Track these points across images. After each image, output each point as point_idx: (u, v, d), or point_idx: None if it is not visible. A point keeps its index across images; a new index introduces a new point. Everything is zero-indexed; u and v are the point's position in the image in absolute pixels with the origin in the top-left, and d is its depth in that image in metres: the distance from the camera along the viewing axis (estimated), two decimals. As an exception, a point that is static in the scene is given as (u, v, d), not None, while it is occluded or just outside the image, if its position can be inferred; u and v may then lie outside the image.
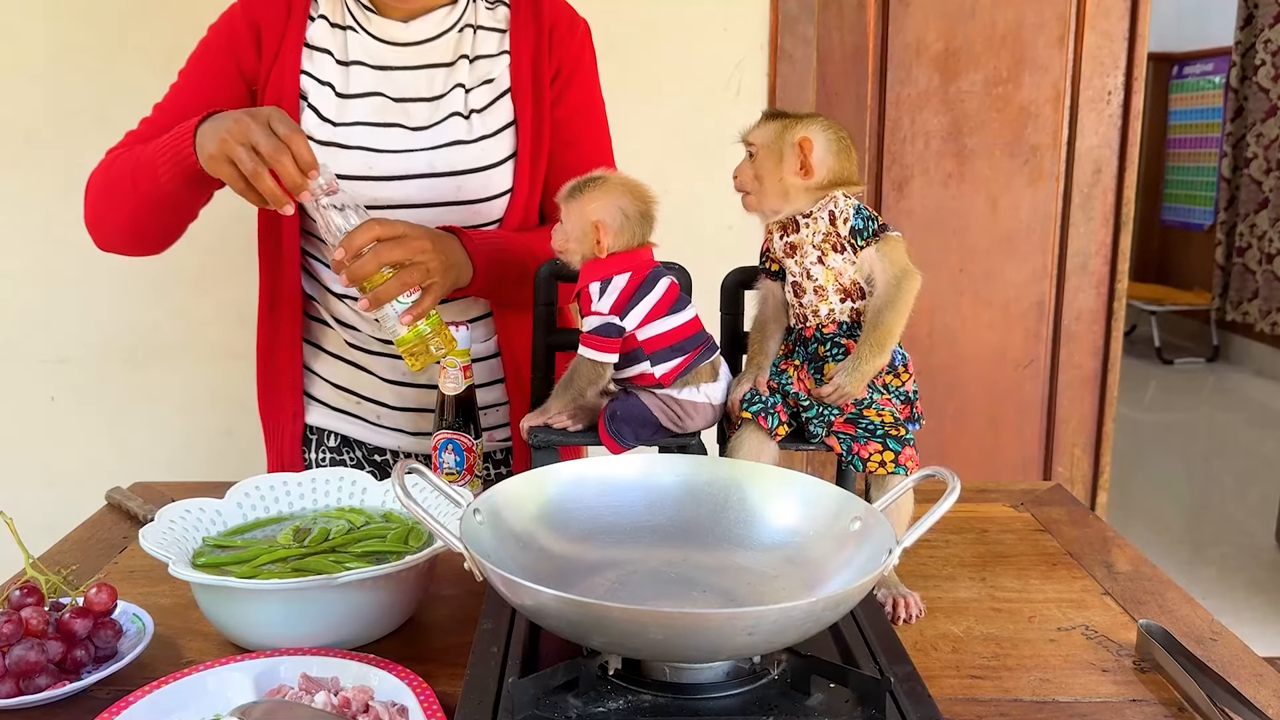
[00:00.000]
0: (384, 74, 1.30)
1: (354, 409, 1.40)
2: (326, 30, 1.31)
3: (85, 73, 2.16)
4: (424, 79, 1.31)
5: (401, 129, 1.28)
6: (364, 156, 1.27)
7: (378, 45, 1.31)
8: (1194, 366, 6.16)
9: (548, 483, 0.92)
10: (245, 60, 1.30)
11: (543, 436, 1.04)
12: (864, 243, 0.98)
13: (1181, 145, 6.50)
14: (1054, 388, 2.46)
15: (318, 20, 1.31)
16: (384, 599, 0.93)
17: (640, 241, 1.02)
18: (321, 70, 1.30)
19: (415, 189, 1.28)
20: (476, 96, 1.31)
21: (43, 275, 2.23)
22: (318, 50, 1.30)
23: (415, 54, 1.31)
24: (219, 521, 1.04)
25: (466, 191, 1.29)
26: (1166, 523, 3.87)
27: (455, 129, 1.29)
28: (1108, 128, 2.36)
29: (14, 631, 0.85)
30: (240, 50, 1.30)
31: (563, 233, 1.04)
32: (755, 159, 1.01)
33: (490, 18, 1.34)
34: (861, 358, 0.97)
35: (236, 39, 1.30)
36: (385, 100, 1.29)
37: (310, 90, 1.29)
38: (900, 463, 0.97)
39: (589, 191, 1.02)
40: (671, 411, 1.02)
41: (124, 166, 1.25)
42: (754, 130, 1.03)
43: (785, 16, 2.23)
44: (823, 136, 0.99)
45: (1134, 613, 1.01)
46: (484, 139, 1.29)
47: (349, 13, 1.32)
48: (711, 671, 0.76)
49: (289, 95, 1.28)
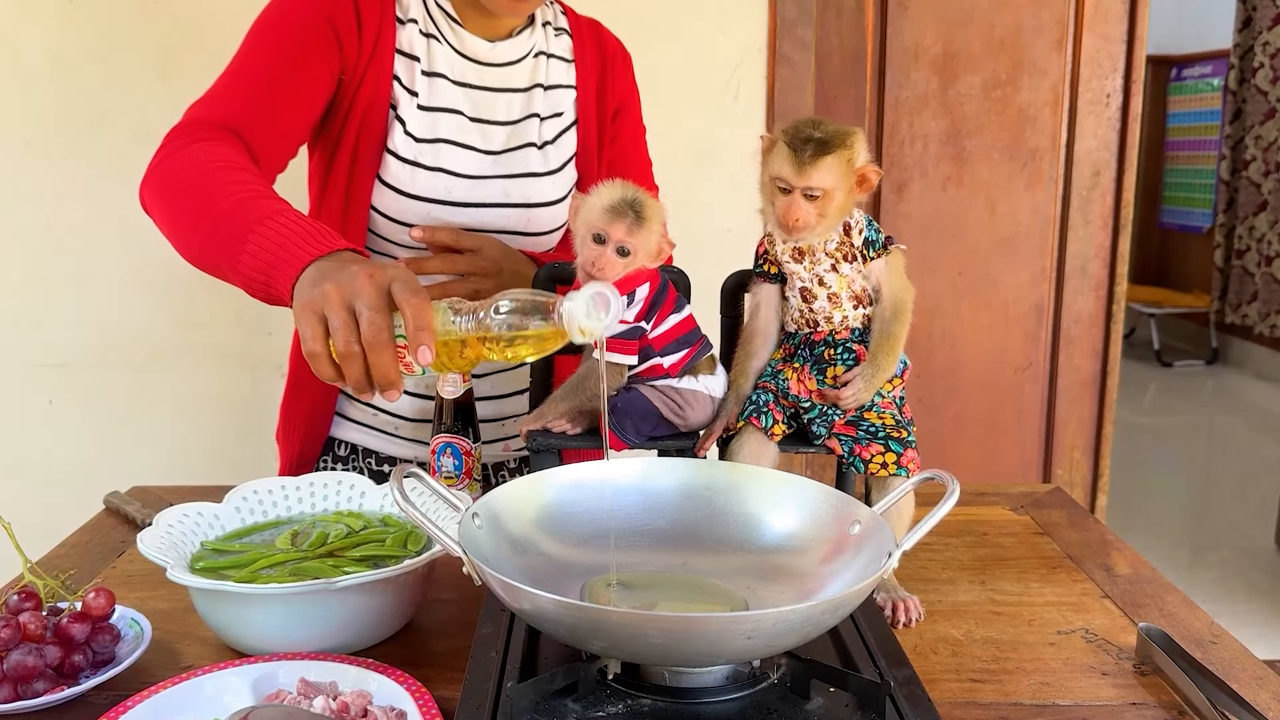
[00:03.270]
0: (464, 91, 1.26)
1: (371, 420, 1.37)
2: (417, 37, 1.23)
3: (85, 76, 2.16)
4: (503, 102, 1.28)
5: (477, 153, 1.25)
6: (444, 180, 1.23)
7: (461, 60, 1.25)
8: (1193, 369, 6.17)
9: (546, 486, 0.92)
10: (346, 39, 1.16)
11: (542, 441, 1.04)
12: (875, 254, 0.99)
13: (1180, 148, 6.51)
14: (1053, 391, 2.46)
15: (408, 24, 1.23)
16: (382, 603, 0.92)
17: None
18: (410, 80, 1.23)
19: (488, 217, 1.26)
20: (549, 127, 1.30)
21: (41, 279, 2.23)
22: (406, 56, 1.23)
23: (498, 75, 1.27)
24: (217, 526, 1.04)
25: (535, 224, 1.28)
26: (1166, 526, 3.87)
27: (530, 160, 1.28)
28: (1107, 130, 2.36)
29: (11, 636, 0.85)
30: (340, 24, 1.16)
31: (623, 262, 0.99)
32: (820, 199, 0.96)
33: (558, 45, 1.33)
34: (879, 367, 0.98)
35: (337, 9, 1.17)
36: (464, 120, 1.25)
37: (400, 100, 1.22)
38: (902, 464, 0.97)
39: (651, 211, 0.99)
40: (672, 402, 1.03)
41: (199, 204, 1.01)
42: (815, 173, 0.94)
43: (784, 20, 2.23)
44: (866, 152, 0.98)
45: (1134, 616, 1.01)
46: (556, 172, 1.29)
47: (432, 20, 1.25)
48: (711, 676, 0.76)
49: (381, 102, 1.21)
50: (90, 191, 2.19)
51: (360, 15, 1.18)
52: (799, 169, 0.95)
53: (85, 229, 2.20)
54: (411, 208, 1.23)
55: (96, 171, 2.18)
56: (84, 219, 2.21)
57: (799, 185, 0.95)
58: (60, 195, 2.20)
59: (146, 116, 2.15)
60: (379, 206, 1.24)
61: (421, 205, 1.23)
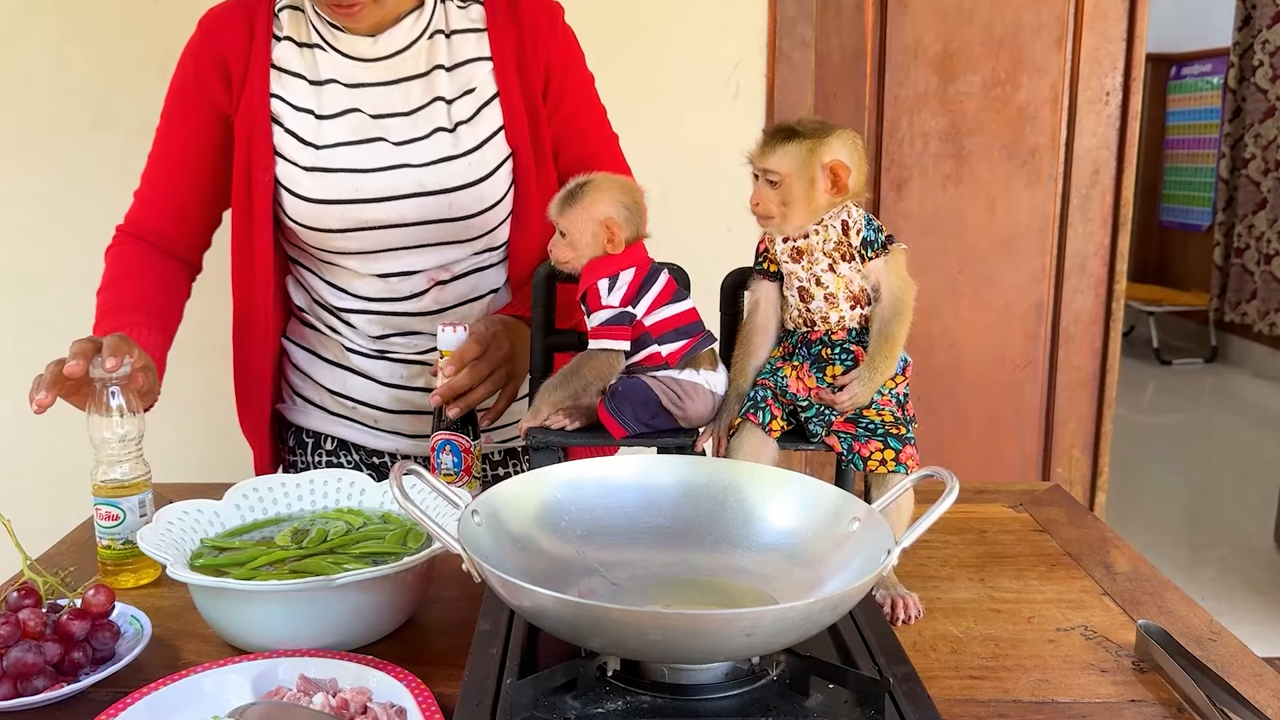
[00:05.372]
0: (359, 91, 1.27)
1: (350, 414, 1.39)
2: (294, 51, 1.27)
3: (85, 76, 2.16)
4: (399, 93, 1.28)
5: (384, 143, 1.26)
6: (350, 179, 1.24)
7: (348, 63, 1.27)
8: (1192, 367, 6.17)
9: (546, 484, 0.92)
10: (216, 96, 1.28)
11: (541, 438, 1.04)
12: (874, 254, 0.99)
13: (1179, 146, 6.51)
14: (1052, 389, 2.46)
15: (283, 41, 1.28)
16: (382, 600, 0.93)
17: (638, 234, 1.03)
18: (294, 94, 1.26)
19: (407, 209, 1.26)
20: (460, 107, 1.28)
21: (40, 276, 2.22)
22: (287, 73, 1.27)
23: (387, 68, 1.27)
24: (217, 523, 1.04)
25: (458, 208, 1.27)
26: (1165, 523, 3.87)
27: (441, 145, 1.26)
28: (1106, 129, 2.36)
29: (11, 633, 0.85)
30: (209, 86, 1.28)
31: (566, 244, 1.03)
32: (781, 186, 0.98)
33: (464, 18, 1.30)
34: (877, 369, 0.97)
35: (203, 75, 1.28)
36: (363, 117, 1.26)
37: (284, 114, 1.26)
38: (901, 461, 0.97)
39: (588, 194, 1.02)
40: (672, 392, 1.02)
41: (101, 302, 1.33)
42: (773, 156, 0.97)
43: (784, 18, 2.23)
44: (850, 155, 0.98)
45: (1133, 613, 1.01)
46: (472, 151, 1.27)
47: (314, 30, 1.28)
48: (710, 672, 0.76)
49: (260, 121, 1.26)
50: (90, 191, 2.19)
51: (226, 61, 1.27)
52: (759, 152, 0.99)
53: (85, 229, 2.20)
54: (326, 211, 1.25)
55: (96, 171, 2.18)
56: (84, 219, 2.20)
57: (758, 168, 0.99)
58: (60, 195, 2.20)
59: (146, 116, 2.14)
60: (294, 216, 1.27)
61: (334, 208, 1.25)
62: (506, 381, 1.23)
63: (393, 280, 1.30)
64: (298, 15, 1.29)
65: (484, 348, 1.19)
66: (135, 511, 1.07)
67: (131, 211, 1.36)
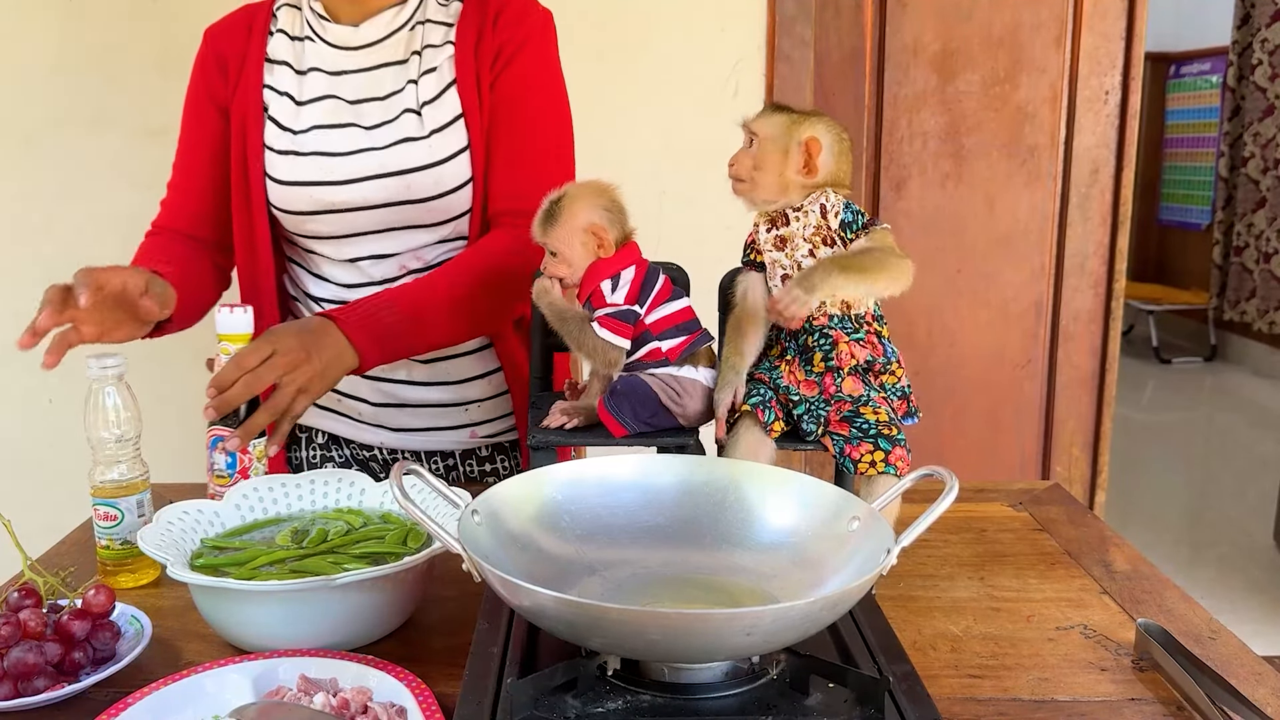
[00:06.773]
0: (338, 78, 1.31)
1: (336, 405, 1.41)
2: (286, 43, 1.33)
3: (85, 76, 2.16)
4: (375, 79, 1.30)
5: (356, 128, 1.28)
6: (320, 161, 1.28)
7: (332, 51, 1.32)
8: (1192, 366, 6.17)
9: (545, 483, 0.92)
10: (217, 92, 1.34)
11: (540, 437, 1.04)
12: (853, 235, 0.99)
13: (1179, 145, 6.51)
14: (1052, 388, 2.47)
15: (276, 35, 1.33)
16: (382, 600, 0.93)
17: (625, 233, 1.04)
18: (281, 82, 1.31)
19: (370, 190, 1.27)
20: (425, 88, 1.29)
21: (41, 276, 2.22)
22: (277, 63, 1.32)
23: (366, 56, 1.31)
24: (217, 523, 1.04)
25: (416, 189, 1.27)
26: (1165, 522, 3.87)
27: (406, 125, 1.28)
28: (1105, 128, 2.36)
29: (12, 633, 0.85)
30: (211, 84, 1.34)
31: (558, 261, 1.03)
32: (756, 148, 1.01)
33: (443, 13, 1.33)
34: (808, 276, 0.96)
35: (207, 75, 1.34)
36: (339, 102, 1.30)
37: (270, 102, 1.31)
38: (890, 462, 0.97)
39: (565, 207, 1.02)
40: (671, 390, 1.03)
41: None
42: (758, 119, 1.02)
43: (783, 17, 2.23)
44: (828, 138, 1.00)
45: (1132, 612, 1.02)
46: (434, 134, 1.27)
47: (307, 24, 1.33)
48: (710, 672, 0.76)
49: (253, 110, 1.30)
50: (90, 191, 2.19)
51: (225, 59, 1.33)
52: (751, 116, 1.03)
53: (85, 228, 2.21)
54: (298, 194, 1.29)
55: (96, 171, 2.18)
56: (84, 219, 2.21)
57: (743, 126, 1.03)
58: (60, 195, 2.20)
59: (146, 116, 2.15)
60: (275, 202, 1.30)
61: (305, 190, 1.28)
62: (297, 396, 1.09)
63: (364, 265, 1.32)
64: (294, 11, 1.35)
65: (263, 356, 1.06)
66: (133, 512, 1.07)
67: (158, 217, 1.39)
